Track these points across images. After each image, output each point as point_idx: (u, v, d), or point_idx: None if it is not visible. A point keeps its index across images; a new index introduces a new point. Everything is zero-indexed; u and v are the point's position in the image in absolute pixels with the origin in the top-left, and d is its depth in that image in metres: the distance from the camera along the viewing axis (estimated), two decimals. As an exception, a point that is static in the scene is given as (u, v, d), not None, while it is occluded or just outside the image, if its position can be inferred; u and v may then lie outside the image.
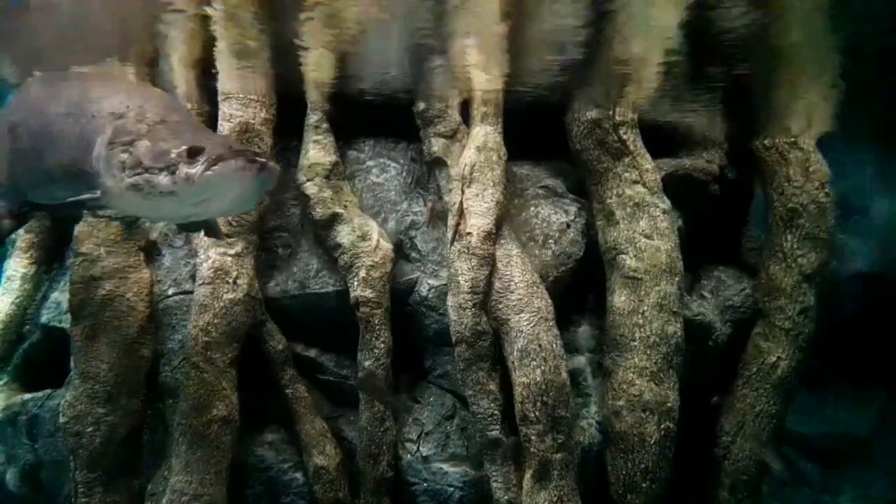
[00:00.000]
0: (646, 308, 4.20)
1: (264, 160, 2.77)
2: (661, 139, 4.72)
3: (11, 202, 3.58)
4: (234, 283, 4.06)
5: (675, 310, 4.22)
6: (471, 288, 4.02)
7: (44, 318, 4.81)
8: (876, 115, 5.84)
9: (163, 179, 2.79)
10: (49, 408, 4.52)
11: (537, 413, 3.88)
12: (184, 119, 3.14)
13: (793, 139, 4.69)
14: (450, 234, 4.19)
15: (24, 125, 3.34)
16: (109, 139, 2.94)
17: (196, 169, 2.74)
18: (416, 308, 4.34)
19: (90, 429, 4.02)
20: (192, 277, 4.19)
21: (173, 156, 2.78)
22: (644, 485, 4.10)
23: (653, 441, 4.09)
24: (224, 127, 4.12)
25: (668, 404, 4.14)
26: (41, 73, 3.57)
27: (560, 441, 3.90)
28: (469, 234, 4.08)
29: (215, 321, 3.98)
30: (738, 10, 3.38)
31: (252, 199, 3.04)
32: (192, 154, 2.76)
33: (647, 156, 4.42)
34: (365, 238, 4.22)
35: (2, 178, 3.53)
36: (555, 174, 4.70)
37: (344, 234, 4.23)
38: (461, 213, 4.14)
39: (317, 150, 4.34)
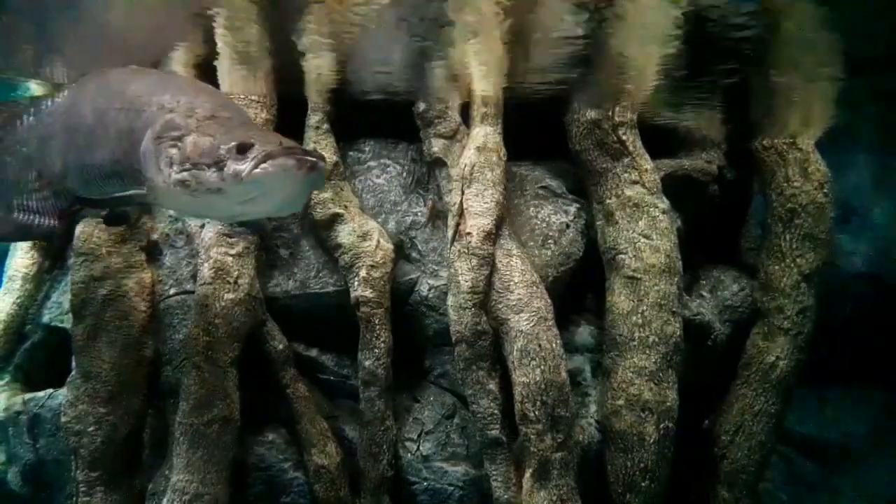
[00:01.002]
0: (645, 308, 4.21)
1: (314, 159, 2.67)
2: (660, 140, 4.73)
3: (64, 200, 3.52)
4: (235, 282, 4.07)
5: (674, 309, 4.23)
6: (471, 288, 4.03)
7: (45, 318, 4.82)
8: (876, 115, 5.85)
9: (210, 176, 2.71)
10: (50, 407, 4.53)
11: (537, 412, 3.89)
12: (235, 115, 3.05)
13: (791, 140, 4.71)
14: (450, 234, 4.20)
15: (77, 120, 3.28)
16: (157, 133, 2.87)
17: (245, 166, 2.64)
18: (416, 308, 4.35)
19: (91, 428, 4.03)
20: (194, 277, 4.20)
21: (222, 152, 2.69)
22: (643, 484, 4.11)
23: (652, 440, 4.11)
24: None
25: (668, 404, 4.15)
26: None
27: (560, 440, 3.91)
28: (469, 234, 4.09)
29: (216, 321, 3.99)
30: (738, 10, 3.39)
31: (300, 198, 2.94)
32: (242, 150, 2.66)
33: (647, 156, 4.43)
34: (365, 238, 4.23)
35: (54, 176, 3.49)
36: (555, 174, 4.71)
37: (344, 235, 4.25)
38: (461, 213, 4.15)
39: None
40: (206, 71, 4.20)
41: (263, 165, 2.62)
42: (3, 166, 3.74)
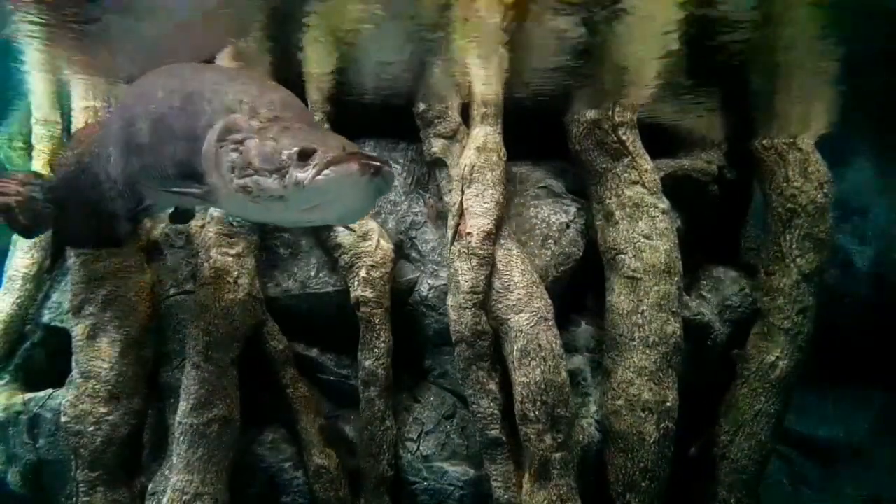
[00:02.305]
0: (645, 308, 4.21)
1: (379, 164, 2.52)
2: (660, 140, 4.73)
3: (128, 201, 3.43)
4: (235, 283, 4.07)
5: (674, 309, 4.23)
6: (471, 288, 4.03)
7: (45, 318, 4.82)
8: (876, 115, 5.84)
9: (272, 183, 2.60)
10: (50, 407, 4.53)
11: (537, 412, 3.90)
12: (298, 116, 2.90)
13: (792, 140, 4.71)
14: (450, 234, 4.20)
15: (139, 119, 3.18)
16: (219, 136, 2.76)
17: (306, 173, 2.52)
18: (416, 308, 4.35)
19: (91, 428, 4.03)
20: (194, 277, 4.20)
21: (283, 157, 2.57)
22: (643, 484, 4.11)
23: (652, 440, 4.11)
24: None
25: (668, 404, 4.16)
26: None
27: (560, 440, 3.92)
28: (469, 234, 4.09)
29: (216, 321, 3.99)
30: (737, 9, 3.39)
31: (366, 205, 2.77)
32: (303, 156, 2.54)
33: (647, 156, 4.43)
34: (365, 238, 4.23)
35: (117, 176, 3.42)
36: (555, 174, 4.71)
37: (344, 235, 4.24)
38: (461, 214, 4.15)
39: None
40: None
41: (325, 172, 2.50)
42: (80, 169, 3.70)
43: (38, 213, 4.00)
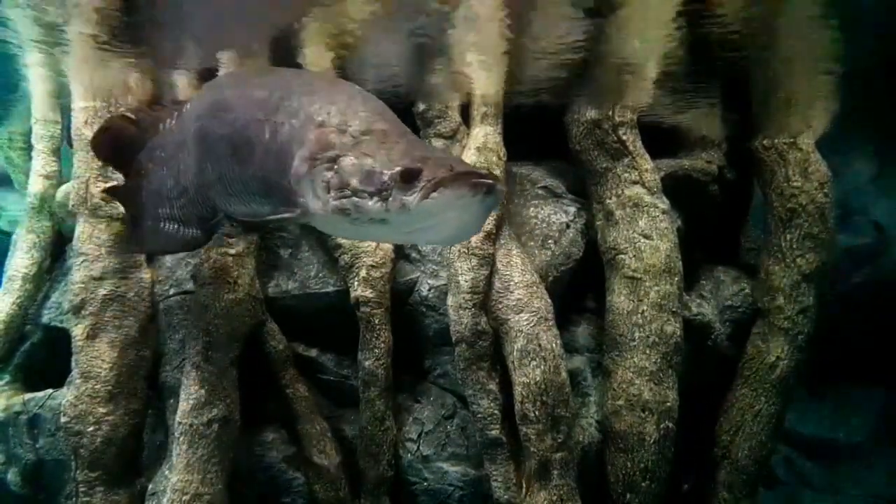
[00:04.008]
0: (645, 308, 4.21)
1: (492, 181, 2.31)
2: (660, 140, 4.73)
3: (202, 209, 3.30)
4: (235, 283, 4.07)
5: (674, 310, 4.23)
6: (471, 288, 4.03)
7: (45, 318, 4.82)
8: (876, 115, 5.85)
9: (373, 205, 2.40)
10: (50, 407, 4.53)
11: (537, 412, 3.89)
12: (391, 127, 2.66)
13: (792, 139, 4.71)
14: (450, 235, 4.19)
15: (214, 128, 3.03)
16: (310, 154, 2.56)
17: (413, 196, 2.32)
18: (416, 308, 4.34)
19: (91, 428, 4.03)
20: (193, 277, 4.20)
21: (385, 179, 2.37)
22: (643, 484, 4.11)
23: (652, 440, 4.11)
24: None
25: (668, 404, 4.16)
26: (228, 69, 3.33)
27: (560, 440, 3.91)
28: (469, 234, 4.08)
29: (216, 321, 3.99)
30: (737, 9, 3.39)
31: (476, 226, 2.54)
32: (408, 177, 2.34)
33: (647, 156, 4.43)
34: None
35: (189, 184, 3.30)
36: (555, 174, 4.71)
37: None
38: (461, 214, 4.14)
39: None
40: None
41: (434, 195, 2.30)
42: (147, 174, 3.61)
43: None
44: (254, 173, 2.83)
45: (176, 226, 3.53)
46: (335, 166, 2.49)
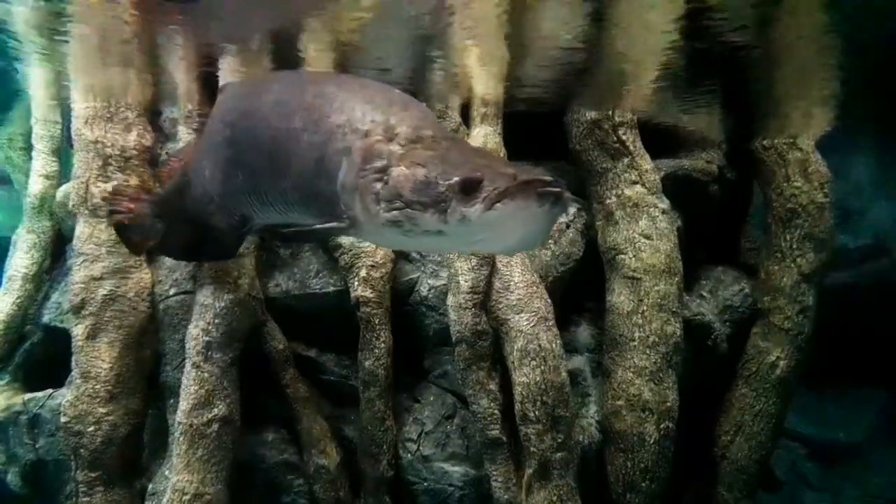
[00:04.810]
0: (645, 308, 4.21)
1: (559, 189, 2.16)
2: (660, 140, 4.73)
3: (228, 217, 3.22)
4: (235, 283, 4.07)
5: (674, 310, 4.23)
6: (471, 288, 4.03)
7: (45, 318, 4.82)
8: (876, 114, 5.85)
9: (429, 217, 2.25)
10: (50, 407, 4.52)
11: (537, 413, 3.89)
12: (440, 134, 2.53)
13: (792, 140, 4.71)
14: (450, 234, 4.19)
15: (247, 137, 2.91)
16: (357, 164, 2.43)
17: (473, 208, 2.17)
18: (416, 308, 4.35)
19: (91, 428, 4.03)
20: (193, 277, 4.20)
21: (442, 189, 2.22)
22: (643, 484, 4.11)
23: (652, 440, 4.11)
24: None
25: (668, 404, 4.16)
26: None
27: (560, 440, 3.91)
28: (469, 234, 4.08)
29: (216, 321, 3.99)
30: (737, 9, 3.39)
31: (544, 235, 2.39)
32: (468, 188, 2.19)
33: (647, 156, 4.43)
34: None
35: (215, 192, 3.21)
36: (555, 174, 4.69)
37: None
38: (461, 214, 4.13)
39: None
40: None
41: (498, 206, 2.15)
42: (184, 182, 3.55)
43: (149, 229, 3.89)
44: (294, 184, 2.71)
45: (208, 234, 3.48)
46: (385, 177, 2.35)
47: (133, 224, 3.88)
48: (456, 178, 2.21)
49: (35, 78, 4.62)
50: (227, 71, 4.18)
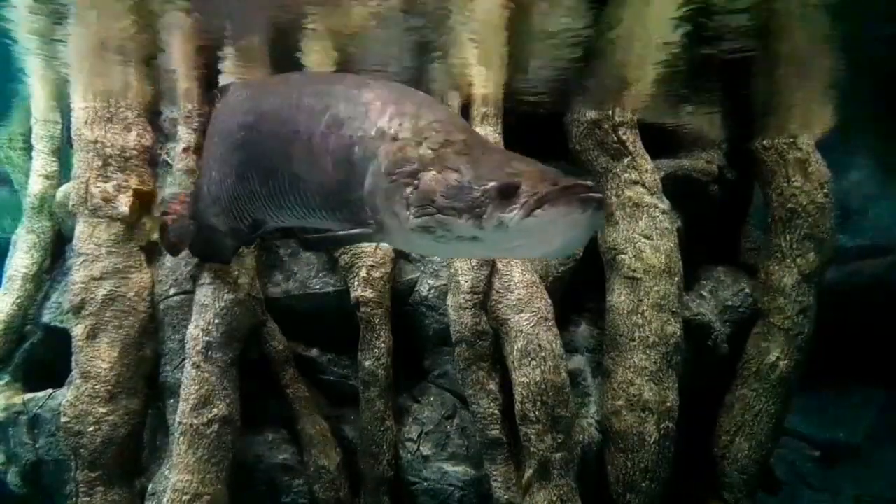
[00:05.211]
0: (645, 308, 4.21)
1: (599, 195, 2.11)
2: (660, 140, 4.73)
3: (234, 220, 3.18)
4: (235, 283, 4.07)
5: (674, 310, 4.23)
6: (471, 288, 4.03)
7: (45, 318, 4.82)
8: (876, 114, 5.85)
9: (463, 223, 2.20)
10: (50, 407, 4.53)
11: (537, 413, 3.89)
12: (469, 136, 2.47)
13: (792, 139, 4.71)
14: (450, 235, 4.18)
15: (264, 140, 2.85)
16: (387, 170, 2.37)
17: (512, 214, 2.12)
18: (416, 308, 4.35)
19: (91, 428, 4.03)
20: (193, 278, 4.20)
21: (477, 195, 2.17)
22: (643, 484, 4.11)
23: (652, 440, 4.11)
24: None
25: (668, 404, 4.16)
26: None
27: (560, 440, 3.91)
28: (469, 234, 4.08)
29: (216, 321, 3.99)
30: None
31: (582, 241, 2.34)
32: (506, 193, 2.13)
33: (647, 156, 4.43)
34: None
35: (220, 194, 3.15)
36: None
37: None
38: (461, 214, 4.13)
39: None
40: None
41: (538, 212, 2.09)
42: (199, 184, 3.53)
43: (184, 231, 3.91)
44: (317, 188, 2.66)
45: (209, 234, 3.47)
46: (415, 181, 2.30)
47: (174, 225, 3.93)
48: (493, 183, 2.16)
49: (35, 78, 4.62)
50: (227, 71, 4.19)
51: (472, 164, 2.26)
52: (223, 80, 4.27)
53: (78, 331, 4.11)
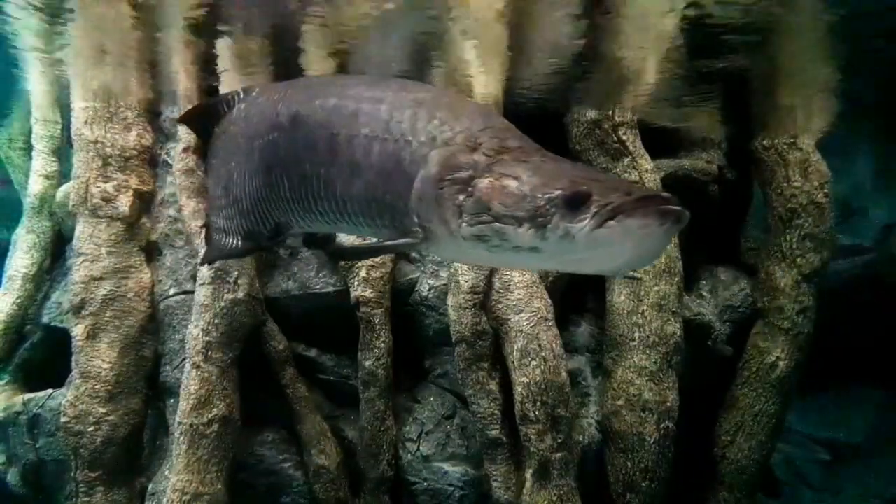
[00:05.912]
0: (645, 308, 4.21)
1: (679, 207, 1.95)
2: (660, 140, 4.73)
3: (254, 224, 3.08)
4: (235, 283, 4.07)
5: (674, 310, 4.23)
6: (471, 288, 4.03)
7: (45, 318, 4.82)
8: (876, 114, 5.85)
9: (523, 233, 2.07)
10: (50, 407, 4.53)
11: (537, 413, 3.89)
12: (525, 143, 2.36)
13: (792, 139, 4.71)
14: (450, 235, 4.18)
15: (292, 140, 2.76)
16: (438, 175, 2.26)
17: (580, 224, 1.97)
18: (416, 308, 4.35)
19: (91, 428, 4.03)
20: (193, 277, 4.20)
21: (541, 203, 2.03)
22: (643, 484, 4.11)
23: (652, 440, 4.11)
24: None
25: (668, 404, 4.16)
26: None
27: (560, 440, 3.91)
28: (469, 234, 4.07)
29: (216, 321, 3.99)
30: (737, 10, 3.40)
31: (656, 256, 2.20)
32: (575, 203, 1.98)
33: (647, 156, 4.43)
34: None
35: (240, 196, 3.05)
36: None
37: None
38: (461, 213, 4.13)
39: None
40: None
41: (611, 223, 1.93)
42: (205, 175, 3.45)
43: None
44: (357, 194, 2.55)
45: (219, 236, 3.35)
46: (469, 188, 2.18)
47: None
48: (559, 192, 2.03)
49: (35, 78, 4.62)
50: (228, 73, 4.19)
51: (532, 171, 2.14)
52: (223, 80, 4.27)
53: (78, 331, 4.12)
